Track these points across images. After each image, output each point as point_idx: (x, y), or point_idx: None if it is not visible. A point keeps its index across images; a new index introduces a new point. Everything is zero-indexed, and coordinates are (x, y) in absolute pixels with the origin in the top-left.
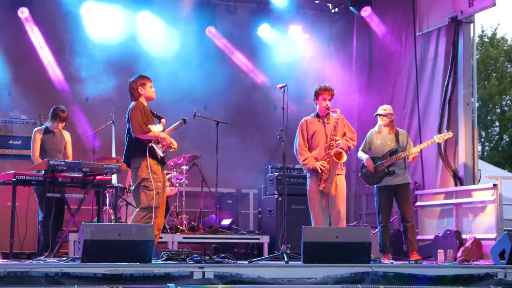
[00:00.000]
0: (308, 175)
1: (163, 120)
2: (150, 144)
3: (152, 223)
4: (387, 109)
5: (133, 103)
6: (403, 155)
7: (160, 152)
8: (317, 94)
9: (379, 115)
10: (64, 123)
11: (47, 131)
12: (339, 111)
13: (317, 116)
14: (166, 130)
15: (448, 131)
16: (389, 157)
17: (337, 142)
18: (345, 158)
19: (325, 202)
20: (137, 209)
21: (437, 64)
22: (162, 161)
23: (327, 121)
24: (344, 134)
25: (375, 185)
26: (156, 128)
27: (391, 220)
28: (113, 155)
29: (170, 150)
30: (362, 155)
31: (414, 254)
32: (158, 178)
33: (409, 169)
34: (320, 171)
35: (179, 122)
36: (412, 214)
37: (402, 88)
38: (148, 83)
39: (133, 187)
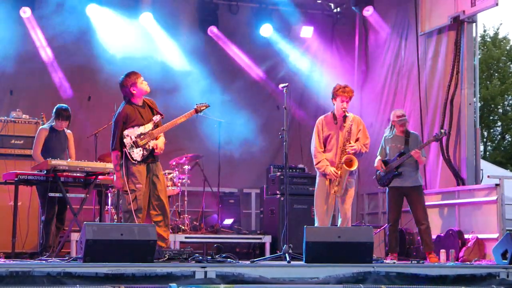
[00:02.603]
0: (318, 174)
1: (156, 117)
2: (124, 149)
3: None
4: (398, 115)
5: (120, 108)
6: (408, 156)
7: (136, 157)
8: (335, 95)
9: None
10: (67, 122)
11: (52, 129)
12: (352, 115)
13: (334, 117)
14: (164, 126)
15: (442, 130)
16: (398, 158)
17: (351, 147)
18: (355, 166)
19: (331, 202)
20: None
21: (439, 64)
22: (144, 160)
23: (343, 124)
24: (357, 140)
25: (386, 186)
26: (134, 132)
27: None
28: None
29: (154, 153)
30: (376, 159)
31: (431, 256)
32: (136, 180)
33: None
34: (332, 178)
35: (190, 111)
36: (425, 216)
37: (404, 88)
38: (139, 79)
39: None
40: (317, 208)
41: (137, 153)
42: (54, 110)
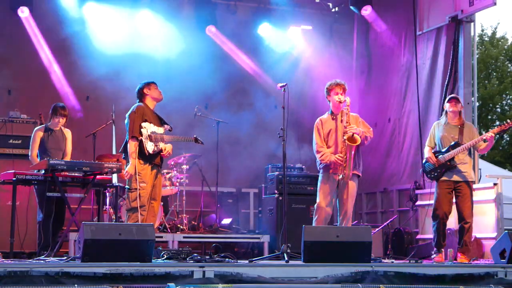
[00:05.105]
0: (321, 171)
1: (167, 126)
2: (140, 137)
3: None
4: (459, 97)
5: (135, 105)
6: (466, 147)
7: (149, 149)
8: (328, 90)
9: (454, 98)
10: (64, 119)
11: (47, 130)
12: (348, 98)
13: (331, 113)
14: (171, 136)
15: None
16: (451, 149)
17: (349, 127)
18: (359, 140)
19: (333, 197)
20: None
21: (437, 63)
22: (150, 160)
23: (340, 118)
24: None
25: (435, 180)
26: (150, 127)
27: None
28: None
29: (162, 153)
30: (425, 149)
31: (463, 256)
32: (141, 179)
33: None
34: (338, 164)
35: (190, 137)
36: (471, 214)
37: (402, 87)
38: (153, 85)
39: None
40: (321, 203)
41: (150, 146)
42: (51, 108)
